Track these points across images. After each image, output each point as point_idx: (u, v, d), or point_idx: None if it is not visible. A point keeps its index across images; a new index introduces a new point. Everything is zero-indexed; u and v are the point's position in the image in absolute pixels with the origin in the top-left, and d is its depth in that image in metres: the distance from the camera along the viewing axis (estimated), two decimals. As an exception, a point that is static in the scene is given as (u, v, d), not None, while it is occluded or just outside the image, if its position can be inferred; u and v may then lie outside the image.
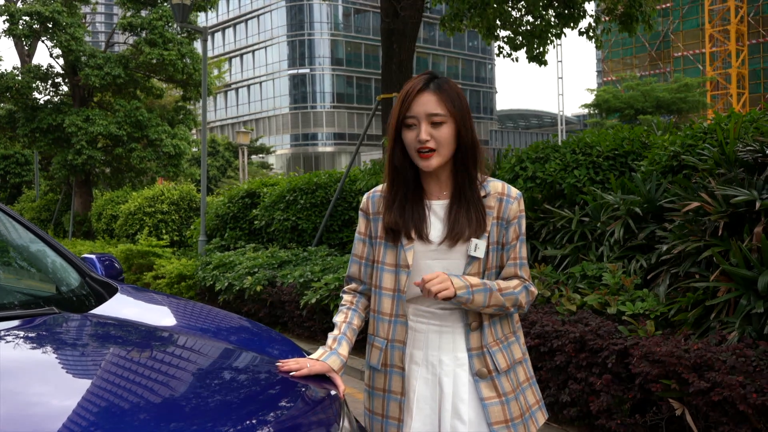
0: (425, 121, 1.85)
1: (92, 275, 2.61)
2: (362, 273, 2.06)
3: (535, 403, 2.01)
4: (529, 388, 2.00)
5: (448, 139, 1.86)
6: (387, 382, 1.96)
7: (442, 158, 1.87)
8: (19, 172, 22.66)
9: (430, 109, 1.84)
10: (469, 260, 1.88)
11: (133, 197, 13.73)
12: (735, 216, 4.09)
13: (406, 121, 1.87)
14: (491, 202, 1.91)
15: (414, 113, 1.86)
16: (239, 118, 63.80)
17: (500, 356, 1.91)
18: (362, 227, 2.05)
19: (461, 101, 1.89)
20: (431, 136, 1.84)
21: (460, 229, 1.87)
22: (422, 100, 1.85)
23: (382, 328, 1.96)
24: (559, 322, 4.15)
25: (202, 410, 1.61)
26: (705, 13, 49.55)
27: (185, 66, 16.06)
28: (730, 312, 3.75)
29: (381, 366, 1.96)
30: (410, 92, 1.87)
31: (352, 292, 2.09)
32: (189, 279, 8.66)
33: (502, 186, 1.94)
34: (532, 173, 5.92)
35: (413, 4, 8.27)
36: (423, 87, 1.86)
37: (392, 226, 1.92)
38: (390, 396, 1.95)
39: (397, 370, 1.94)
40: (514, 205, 1.92)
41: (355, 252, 2.08)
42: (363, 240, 2.05)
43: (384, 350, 1.96)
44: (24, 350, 1.88)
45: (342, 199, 9.11)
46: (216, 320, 2.50)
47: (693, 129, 5.15)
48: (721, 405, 3.28)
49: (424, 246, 1.90)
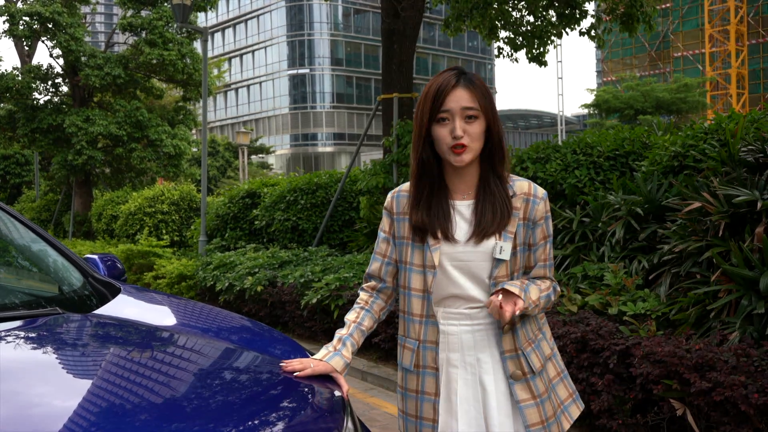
0: (459, 116, 1.83)
1: (95, 275, 2.60)
2: (383, 271, 2.03)
3: (568, 396, 1.98)
4: (561, 382, 1.98)
5: (479, 135, 1.85)
6: (420, 383, 1.94)
7: (473, 153, 1.85)
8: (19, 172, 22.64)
9: (465, 104, 1.83)
10: (496, 263, 1.86)
11: (134, 197, 13.72)
12: (736, 216, 4.09)
13: (438, 116, 1.84)
14: (517, 203, 1.89)
15: (448, 107, 1.83)
16: (239, 118, 63.77)
17: (534, 356, 1.90)
18: (386, 226, 2.02)
19: (490, 96, 1.88)
20: (465, 131, 1.83)
21: (485, 224, 1.85)
22: (456, 95, 1.83)
23: (413, 330, 1.94)
24: (561, 322, 4.15)
25: (206, 411, 1.61)
26: (705, 13, 49.55)
27: (185, 66, 16.05)
28: (731, 312, 3.76)
29: (413, 367, 1.94)
30: (443, 87, 1.84)
31: (369, 291, 2.06)
32: (189, 279, 8.65)
33: (529, 186, 1.92)
34: (533, 173, 5.92)
35: (414, 5, 8.26)
36: (456, 82, 1.84)
37: (419, 225, 1.90)
38: (423, 397, 1.93)
39: (430, 371, 1.92)
40: (541, 206, 1.90)
41: (378, 250, 2.04)
42: (386, 238, 2.02)
43: (416, 351, 1.94)
44: (28, 351, 1.88)
45: (342, 200, 9.11)
46: (219, 320, 2.50)
47: (694, 129, 5.15)
48: (723, 405, 3.27)
49: (450, 246, 1.87)
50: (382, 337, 5.60)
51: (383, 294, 2.05)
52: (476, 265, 1.87)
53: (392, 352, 5.70)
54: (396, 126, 8.11)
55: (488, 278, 1.87)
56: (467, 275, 1.88)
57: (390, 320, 5.46)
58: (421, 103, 1.88)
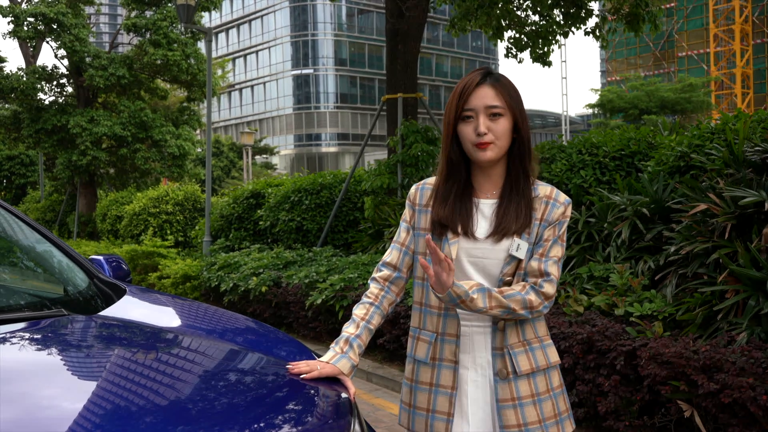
0: (483, 113, 1.83)
1: (100, 276, 2.60)
2: (400, 261, 2.01)
3: (566, 410, 1.95)
4: (562, 395, 1.95)
5: (505, 132, 1.85)
6: (435, 376, 1.92)
7: (498, 151, 1.85)
8: (23, 172, 22.72)
9: (489, 102, 1.83)
10: (509, 260, 1.85)
11: (138, 198, 13.74)
12: (743, 217, 4.07)
13: (463, 114, 1.86)
14: (537, 205, 1.90)
15: (472, 106, 1.84)
16: (243, 118, 63.84)
17: (523, 359, 1.87)
18: (407, 216, 2.02)
19: (518, 95, 1.88)
20: (489, 128, 1.83)
21: (507, 223, 1.85)
22: (480, 93, 1.84)
23: (430, 322, 1.93)
24: (567, 323, 4.13)
25: (211, 413, 1.60)
26: (709, 12, 49.42)
27: (189, 66, 16.08)
28: (739, 313, 3.74)
29: (429, 359, 1.93)
30: (468, 86, 1.85)
31: (381, 283, 2.02)
32: (194, 280, 8.66)
33: (551, 190, 1.93)
34: (538, 174, 5.90)
35: (418, 5, 8.25)
36: (480, 81, 1.85)
37: (441, 220, 1.90)
38: (438, 390, 1.91)
39: (448, 364, 1.90)
40: (560, 210, 1.90)
41: (398, 239, 2.03)
42: (408, 228, 2.01)
43: (433, 343, 1.92)
44: (33, 352, 1.87)
45: (347, 200, 9.10)
46: (224, 322, 2.49)
47: (700, 129, 5.12)
48: (731, 407, 3.26)
49: (469, 242, 1.87)
50: (387, 338, 5.59)
51: (395, 286, 2.02)
52: (491, 262, 1.87)
53: (397, 353, 5.68)
54: (401, 126, 8.10)
55: (499, 275, 1.86)
56: (481, 272, 1.87)
57: (395, 321, 5.44)
58: (449, 104, 1.89)
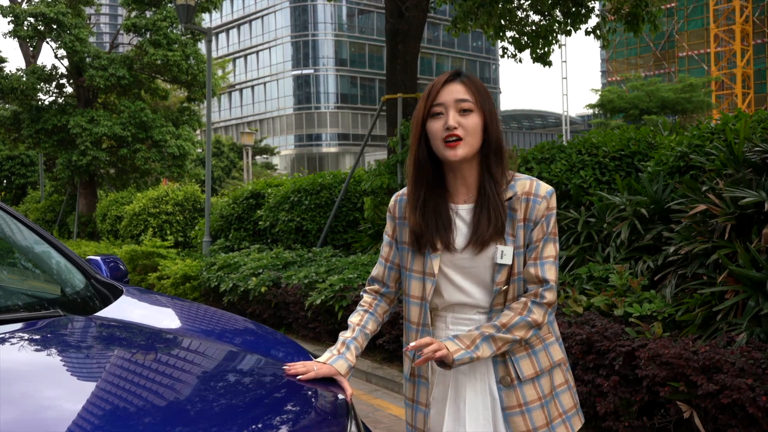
0: (453, 108, 1.79)
1: (97, 277, 2.59)
2: (386, 276, 2.01)
3: (573, 407, 1.91)
4: (567, 391, 1.91)
5: (475, 129, 1.79)
6: (415, 392, 1.93)
7: (468, 148, 1.79)
8: (24, 173, 22.72)
9: (458, 95, 1.80)
10: (498, 268, 1.80)
11: (138, 198, 13.74)
12: (743, 217, 4.06)
13: (432, 110, 1.82)
14: (516, 204, 1.82)
15: (441, 101, 1.80)
16: (243, 118, 63.85)
17: (526, 363, 1.83)
18: (389, 230, 2.00)
19: (488, 94, 1.85)
20: (459, 123, 1.78)
21: (481, 233, 1.79)
22: (449, 89, 1.81)
23: (411, 338, 1.92)
24: (566, 323, 4.12)
25: (208, 414, 1.59)
26: (710, 12, 49.41)
27: (189, 67, 16.08)
28: (738, 314, 3.73)
29: (410, 376, 1.94)
30: (436, 84, 1.83)
31: (373, 294, 2.03)
32: (193, 280, 8.65)
33: (530, 184, 1.83)
34: (538, 174, 5.89)
35: (418, 4, 8.24)
36: (450, 78, 1.84)
37: (415, 231, 1.86)
38: (417, 407, 1.92)
39: (423, 381, 1.90)
40: (542, 205, 1.81)
41: (382, 254, 2.02)
42: (390, 242, 2.00)
43: (412, 360, 1.91)
44: (29, 353, 1.87)
45: (347, 200, 9.09)
46: (222, 323, 2.48)
47: (700, 129, 5.11)
48: (730, 408, 3.25)
49: (451, 254, 1.83)
50: (387, 339, 5.58)
51: (386, 298, 2.04)
52: (480, 270, 1.82)
53: (396, 353, 5.67)
54: (401, 126, 8.09)
55: (492, 283, 1.82)
56: (473, 280, 1.84)
57: (395, 321, 5.44)
58: (418, 106, 1.87)
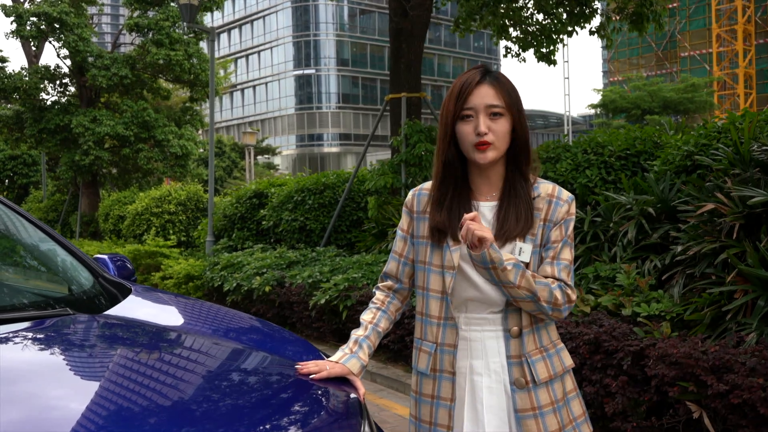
0: (483, 113, 1.78)
1: (105, 275, 2.57)
2: (400, 271, 1.98)
3: (582, 414, 1.90)
4: (576, 398, 1.90)
5: (504, 133, 1.79)
6: (436, 388, 1.88)
7: (497, 152, 1.79)
8: (26, 172, 22.74)
9: (489, 101, 1.78)
10: None
11: (141, 198, 13.73)
12: (751, 216, 4.04)
13: (463, 113, 1.80)
14: (540, 204, 1.83)
15: (472, 105, 1.79)
16: (245, 118, 63.86)
17: (541, 366, 1.82)
18: (404, 224, 1.98)
19: (517, 94, 1.83)
20: (489, 128, 1.77)
21: (508, 228, 1.79)
22: (480, 92, 1.79)
23: (430, 332, 1.88)
24: (573, 323, 4.10)
25: (217, 414, 1.58)
26: (712, 12, 49.33)
27: (192, 66, 16.07)
28: (748, 313, 3.71)
29: (430, 371, 1.88)
30: (467, 85, 1.80)
31: (385, 291, 2.01)
32: (197, 279, 8.64)
33: (553, 188, 1.86)
34: (543, 173, 5.87)
35: (422, 4, 8.22)
36: (480, 79, 1.80)
37: (439, 227, 1.85)
38: (439, 402, 1.87)
39: (447, 375, 1.86)
40: (564, 208, 1.84)
41: (395, 249, 1.99)
42: (404, 237, 1.97)
43: (433, 354, 1.87)
44: (38, 352, 1.85)
45: (350, 200, 9.07)
46: (230, 321, 2.46)
47: (706, 128, 5.09)
48: (741, 408, 3.22)
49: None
50: (392, 339, 5.56)
51: (399, 294, 2.01)
52: None
53: (401, 353, 5.66)
54: (404, 126, 8.08)
55: None
56: None
57: (400, 322, 5.42)
58: (446, 103, 1.83)
